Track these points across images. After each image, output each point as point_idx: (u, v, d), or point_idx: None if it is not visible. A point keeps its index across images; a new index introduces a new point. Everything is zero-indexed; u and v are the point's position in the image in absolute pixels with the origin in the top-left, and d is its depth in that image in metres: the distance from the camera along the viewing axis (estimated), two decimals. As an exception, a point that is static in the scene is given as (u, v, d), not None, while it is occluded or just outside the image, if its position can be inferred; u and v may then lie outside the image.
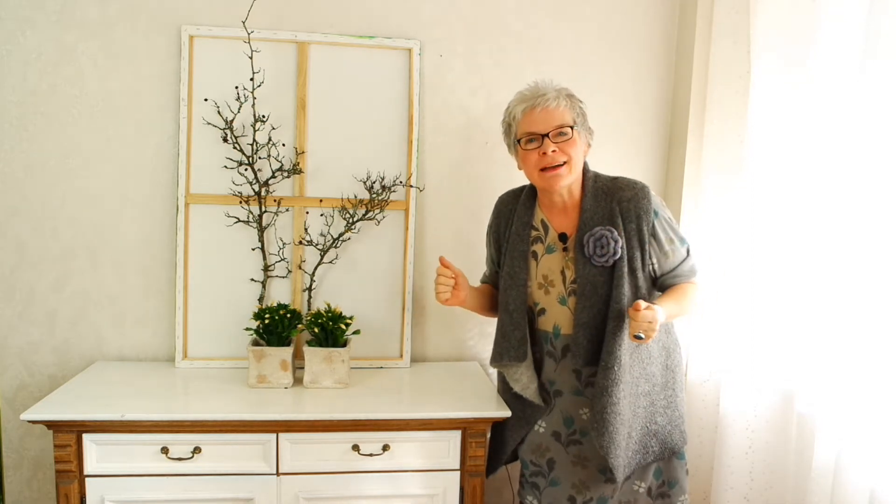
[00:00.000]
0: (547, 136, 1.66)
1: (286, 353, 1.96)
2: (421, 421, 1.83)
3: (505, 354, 1.79)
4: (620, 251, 1.66)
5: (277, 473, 1.80)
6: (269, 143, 2.11)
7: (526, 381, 1.81)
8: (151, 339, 2.19)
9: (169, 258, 2.16)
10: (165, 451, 1.75)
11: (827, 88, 1.69)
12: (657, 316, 1.55)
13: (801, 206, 1.79)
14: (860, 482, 1.54)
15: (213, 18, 2.10)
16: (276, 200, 2.14)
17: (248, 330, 2.03)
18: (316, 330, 1.97)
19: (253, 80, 2.07)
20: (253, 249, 2.15)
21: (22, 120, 2.07)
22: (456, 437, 1.86)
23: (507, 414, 1.84)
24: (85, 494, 1.75)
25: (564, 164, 1.67)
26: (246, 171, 2.12)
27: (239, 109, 2.09)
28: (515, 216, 1.81)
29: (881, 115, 1.51)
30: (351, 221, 2.17)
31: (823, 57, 1.69)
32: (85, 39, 2.07)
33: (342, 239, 2.17)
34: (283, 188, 2.16)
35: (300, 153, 2.15)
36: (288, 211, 2.17)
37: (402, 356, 2.24)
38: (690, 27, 2.22)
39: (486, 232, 1.95)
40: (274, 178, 2.12)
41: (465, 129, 2.26)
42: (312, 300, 2.18)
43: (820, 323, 1.71)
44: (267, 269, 2.16)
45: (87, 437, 1.73)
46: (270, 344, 1.97)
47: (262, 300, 2.15)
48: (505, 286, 1.80)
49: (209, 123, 2.10)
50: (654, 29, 2.31)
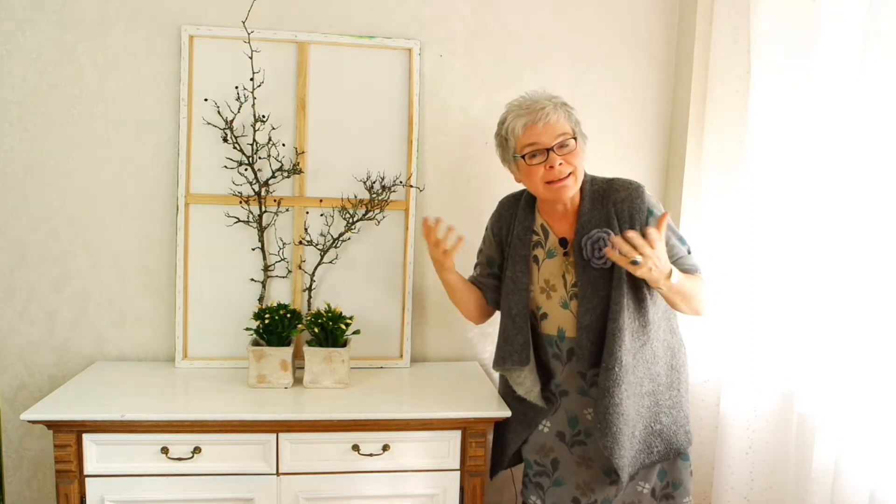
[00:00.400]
0: (552, 149, 1.65)
1: (286, 353, 1.96)
2: (421, 421, 1.83)
3: (508, 358, 1.79)
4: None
5: (277, 473, 1.80)
6: (269, 143, 2.11)
7: (529, 384, 1.80)
8: (151, 339, 2.19)
9: (169, 258, 2.16)
10: (165, 451, 1.75)
11: (827, 88, 1.68)
12: (660, 255, 1.53)
13: (801, 206, 1.79)
14: (860, 483, 1.54)
15: (213, 18, 2.10)
16: (276, 200, 2.14)
17: (248, 330, 2.03)
18: (316, 330, 1.97)
19: (253, 80, 2.07)
20: (253, 249, 2.15)
21: (22, 120, 2.07)
22: (456, 437, 1.86)
23: (507, 414, 1.84)
24: (85, 494, 1.75)
25: (570, 175, 1.66)
26: (246, 171, 2.12)
27: (239, 109, 2.09)
28: (517, 221, 1.81)
29: (881, 115, 1.51)
30: (351, 221, 2.17)
31: (823, 57, 1.69)
32: (85, 39, 2.07)
33: (342, 239, 2.17)
34: (283, 188, 2.16)
35: (300, 153, 2.15)
36: (288, 211, 2.17)
37: (402, 356, 2.24)
38: (690, 27, 2.22)
39: (485, 231, 1.94)
40: (274, 178, 2.12)
41: (465, 129, 2.26)
42: (312, 300, 2.18)
43: (820, 323, 1.70)
44: (267, 269, 2.16)
45: (87, 437, 1.73)
46: (270, 344, 1.97)
47: (262, 300, 2.15)
48: (507, 291, 1.80)
49: (209, 123, 2.10)
50: (654, 29, 2.31)
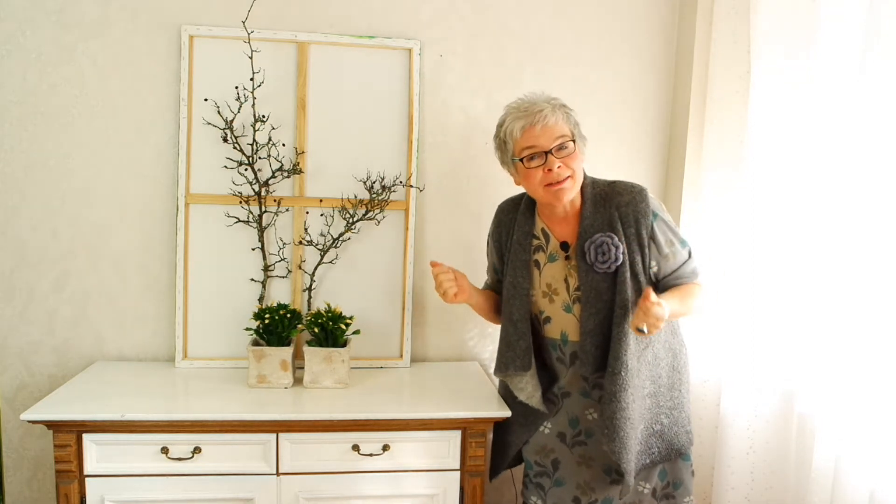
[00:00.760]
0: (550, 152, 1.63)
1: (286, 353, 1.96)
2: (421, 421, 1.83)
3: (511, 364, 1.78)
4: (622, 257, 1.65)
5: (277, 473, 1.80)
6: (269, 143, 2.11)
7: (531, 389, 1.80)
8: (151, 339, 2.19)
9: (169, 258, 2.16)
10: (165, 451, 1.75)
11: (827, 88, 1.69)
12: (664, 313, 1.52)
13: (801, 206, 1.79)
14: (860, 483, 1.54)
15: (213, 18, 2.10)
16: (276, 200, 2.14)
17: (248, 330, 2.03)
18: (316, 330, 1.97)
19: (253, 80, 2.07)
20: (253, 249, 2.15)
21: (22, 120, 2.07)
22: (456, 437, 1.86)
23: (507, 414, 1.84)
24: (85, 494, 1.75)
25: (569, 177, 1.65)
26: (246, 171, 2.12)
27: (239, 109, 2.09)
28: (516, 226, 1.80)
29: (881, 115, 1.51)
30: (351, 221, 2.16)
31: (823, 57, 1.69)
32: (85, 39, 2.07)
33: (342, 239, 2.17)
34: (283, 188, 2.16)
35: (300, 153, 2.15)
36: (288, 211, 2.17)
37: (402, 356, 2.24)
38: (690, 27, 2.22)
39: (486, 240, 1.94)
40: (274, 178, 2.12)
41: (465, 129, 2.26)
42: (312, 300, 2.18)
43: (820, 323, 1.71)
44: (267, 269, 2.16)
45: (87, 437, 1.73)
46: (270, 344, 1.97)
47: (262, 300, 2.15)
48: (508, 296, 1.79)
49: (209, 123, 2.10)
50: (654, 29, 2.31)
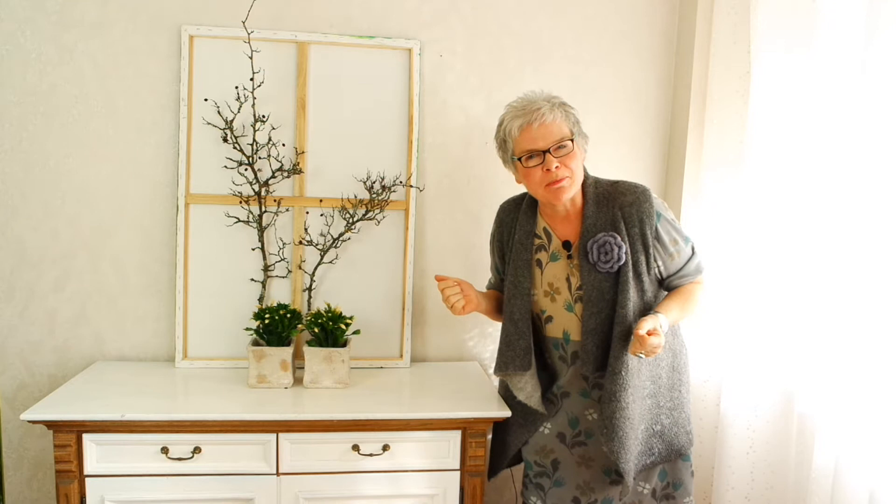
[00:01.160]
0: (548, 151, 1.63)
1: (286, 353, 1.96)
2: (421, 421, 1.83)
3: (510, 364, 1.78)
4: (625, 257, 1.65)
5: (277, 473, 1.80)
6: (269, 143, 2.11)
7: (530, 389, 1.80)
8: (151, 339, 2.19)
9: (169, 258, 2.16)
10: (165, 451, 1.75)
11: (827, 88, 1.68)
12: (660, 341, 1.55)
13: (801, 207, 1.79)
14: (860, 483, 1.54)
15: (213, 18, 2.10)
16: (276, 200, 2.14)
17: (248, 330, 2.03)
18: (316, 330, 1.97)
19: (253, 80, 2.07)
20: (253, 249, 2.15)
21: (22, 120, 2.07)
22: (456, 437, 1.86)
23: (507, 414, 1.84)
24: (85, 494, 1.75)
25: (567, 177, 1.64)
26: (246, 171, 2.12)
27: (239, 109, 2.09)
28: (517, 225, 1.80)
29: (881, 115, 1.51)
30: (351, 221, 2.16)
31: (823, 56, 1.69)
32: (85, 39, 2.07)
33: (342, 239, 2.17)
34: (283, 188, 2.16)
35: (300, 153, 2.15)
36: (288, 211, 2.17)
37: (402, 356, 2.24)
38: (690, 27, 2.22)
39: (489, 241, 1.94)
40: (274, 178, 2.12)
41: (465, 129, 2.26)
42: (312, 300, 2.18)
43: (820, 323, 1.70)
44: (267, 269, 2.16)
45: (87, 437, 1.73)
46: (270, 344, 1.97)
47: (262, 300, 2.15)
48: (509, 295, 1.79)
49: (209, 123, 2.10)
50: (654, 28, 2.31)
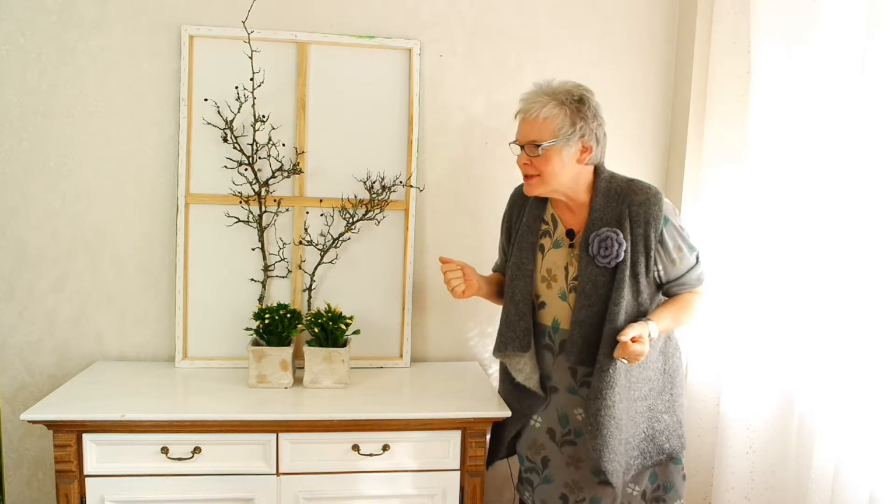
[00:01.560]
0: (523, 147, 1.69)
1: (286, 353, 1.96)
2: (421, 421, 1.83)
3: (509, 344, 1.79)
4: (624, 254, 1.65)
5: (277, 473, 1.80)
6: (269, 143, 2.11)
7: (529, 371, 1.81)
8: (151, 339, 2.19)
9: (169, 258, 2.16)
10: (165, 451, 1.75)
11: (828, 85, 1.68)
12: (643, 349, 1.57)
13: (801, 206, 1.79)
14: (860, 483, 1.54)
15: (213, 18, 2.10)
16: (276, 200, 2.14)
17: (248, 330, 2.03)
18: (316, 330, 1.97)
19: (253, 80, 2.07)
20: (253, 249, 2.15)
21: (22, 120, 2.07)
22: (456, 437, 1.86)
23: (507, 414, 1.84)
24: (85, 494, 1.75)
25: (536, 175, 1.69)
26: (246, 171, 2.12)
27: (239, 109, 2.09)
28: (528, 208, 1.82)
29: (882, 113, 1.51)
30: (351, 221, 2.17)
31: (823, 56, 1.69)
32: (85, 39, 2.07)
33: (342, 239, 2.17)
34: (283, 188, 2.16)
35: (300, 153, 2.15)
36: (288, 211, 2.17)
37: (402, 356, 2.24)
38: (690, 27, 2.22)
39: (487, 238, 1.96)
40: (274, 178, 2.12)
41: (465, 129, 2.26)
42: (312, 300, 2.18)
43: (820, 324, 1.70)
44: (267, 269, 2.16)
45: (87, 437, 1.73)
46: (270, 344, 1.97)
47: (262, 300, 2.15)
48: (512, 276, 1.81)
49: (209, 123, 2.10)
50: (654, 29, 2.31)
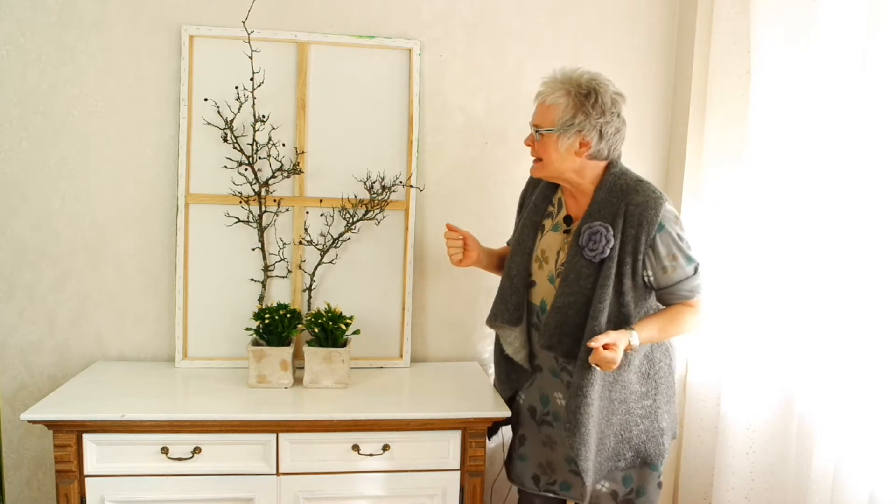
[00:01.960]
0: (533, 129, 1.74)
1: (286, 353, 1.96)
2: (421, 421, 1.83)
3: (500, 316, 1.82)
4: (609, 251, 1.64)
5: (277, 473, 1.80)
6: (269, 143, 2.11)
7: (518, 345, 1.83)
8: (151, 339, 2.19)
9: (169, 258, 2.16)
10: (165, 451, 1.75)
11: (828, 84, 1.68)
12: (616, 357, 1.55)
13: (801, 205, 1.79)
14: (860, 483, 1.54)
15: (213, 18, 2.10)
16: (276, 200, 2.14)
17: (248, 330, 2.03)
18: (316, 330, 1.97)
19: (253, 80, 2.07)
20: (253, 249, 2.15)
21: (22, 120, 2.07)
22: (456, 437, 1.86)
23: (506, 414, 1.84)
24: (85, 494, 1.75)
25: (538, 159, 1.73)
26: (246, 171, 2.11)
27: (239, 109, 2.09)
28: (539, 189, 1.86)
29: (883, 112, 1.51)
30: (351, 221, 2.17)
31: (823, 55, 1.69)
32: (85, 39, 2.07)
33: (342, 239, 2.17)
34: (283, 188, 2.16)
35: (300, 153, 2.15)
36: (288, 211, 2.17)
37: (402, 356, 2.24)
38: (690, 27, 2.22)
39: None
40: (274, 178, 2.12)
41: (465, 129, 2.26)
42: (312, 300, 2.18)
43: (820, 324, 1.70)
44: (267, 269, 2.16)
45: (87, 437, 1.73)
46: (270, 344, 1.97)
47: (262, 300, 2.15)
48: (512, 252, 1.85)
49: (209, 123, 2.10)
50: (654, 28, 2.31)
